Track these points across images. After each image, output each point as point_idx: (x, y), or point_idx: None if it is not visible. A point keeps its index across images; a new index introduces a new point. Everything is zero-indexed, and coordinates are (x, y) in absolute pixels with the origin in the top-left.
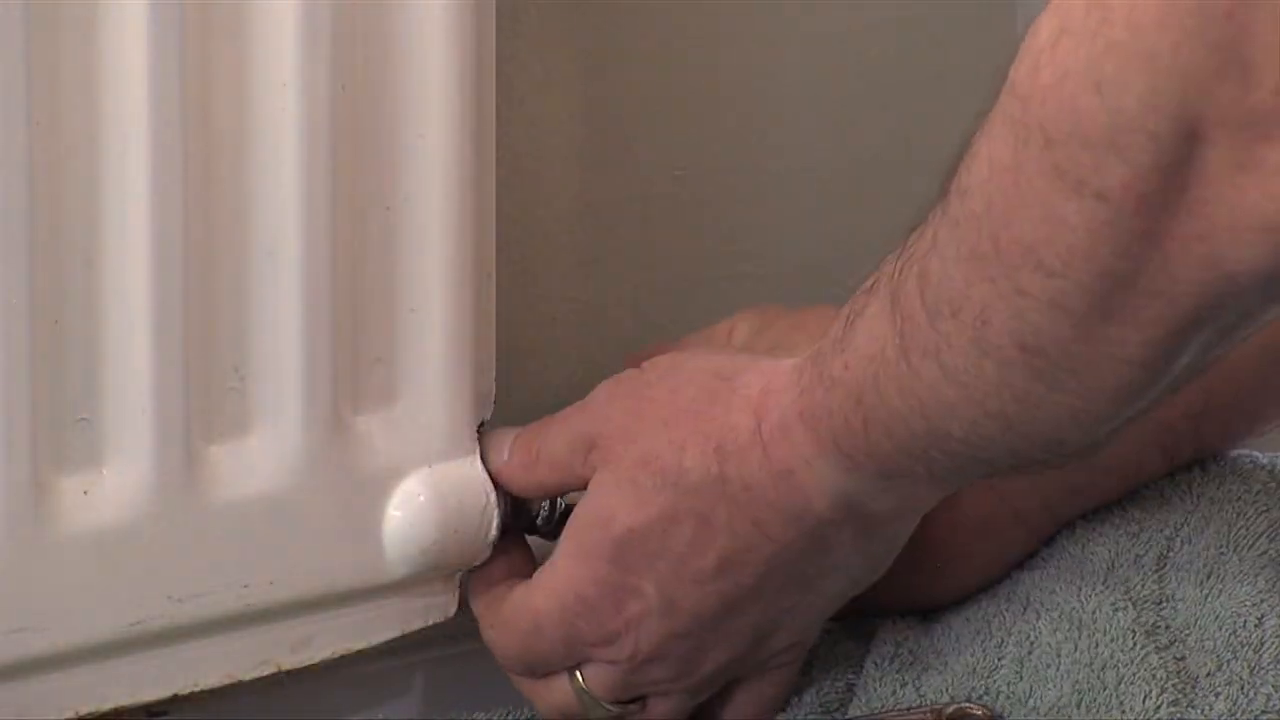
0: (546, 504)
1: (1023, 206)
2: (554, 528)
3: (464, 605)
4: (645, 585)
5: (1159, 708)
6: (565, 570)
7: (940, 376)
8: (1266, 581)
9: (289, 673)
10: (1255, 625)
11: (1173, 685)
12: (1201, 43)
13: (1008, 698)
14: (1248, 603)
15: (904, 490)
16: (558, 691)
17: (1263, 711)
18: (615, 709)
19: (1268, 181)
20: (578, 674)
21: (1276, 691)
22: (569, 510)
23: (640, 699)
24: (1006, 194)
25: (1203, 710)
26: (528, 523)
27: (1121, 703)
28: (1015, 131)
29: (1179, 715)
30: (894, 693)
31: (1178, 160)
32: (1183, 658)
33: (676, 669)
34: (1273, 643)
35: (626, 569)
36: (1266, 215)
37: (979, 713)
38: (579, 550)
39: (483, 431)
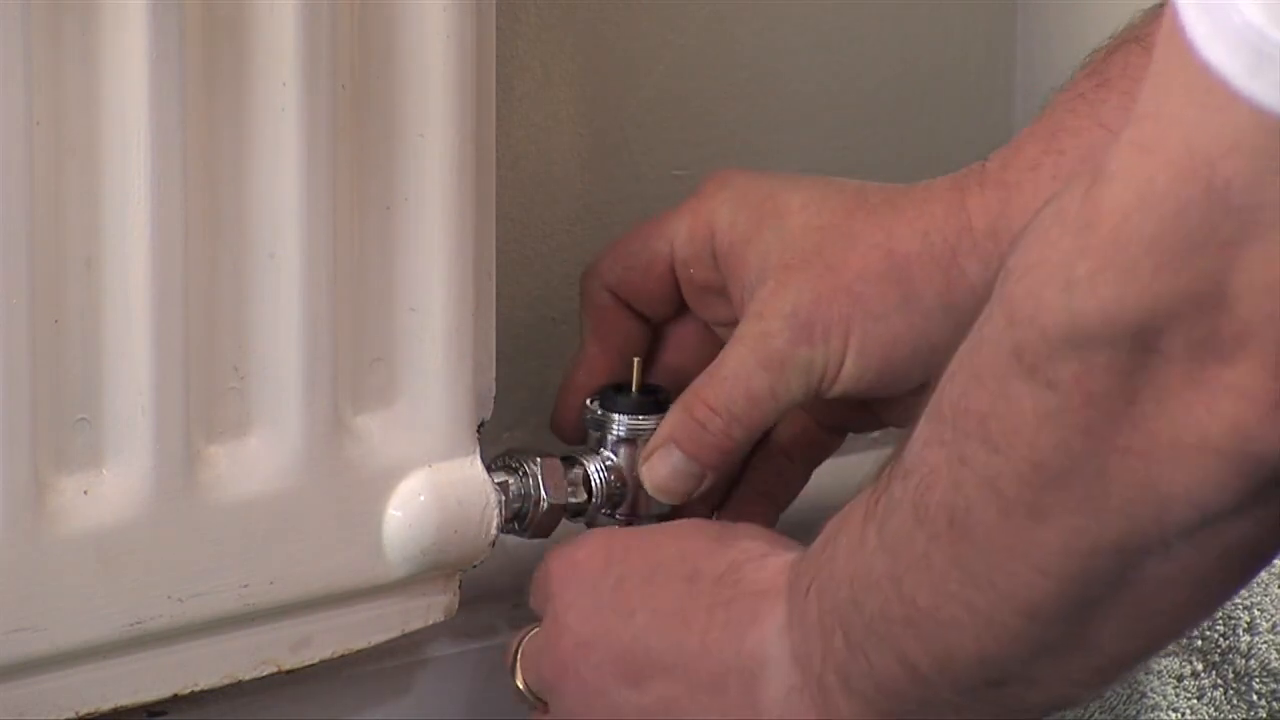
0: (530, 506)
1: (978, 377)
2: (535, 528)
3: (464, 605)
4: None
5: (1153, 707)
6: None
7: (878, 544)
8: (1260, 584)
9: (289, 673)
10: (1246, 629)
11: (1172, 686)
12: (1187, 269)
13: None
14: (1241, 603)
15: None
16: None
17: (1251, 709)
18: None
19: (1217, 399)
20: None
21: (1265, 693)
22: (550, 510)
23: None
24: (971, 361)
25: (1194, 710)
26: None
27: (1124, 700)
28: (992, 300)
29: (1174, 712)
30: None
31: (1130, 369)
32: (1175, 654)
33: None
34: (1264, 645)
35: None
36: (1208, 434)
37: None
38: None
39: (482, 432)
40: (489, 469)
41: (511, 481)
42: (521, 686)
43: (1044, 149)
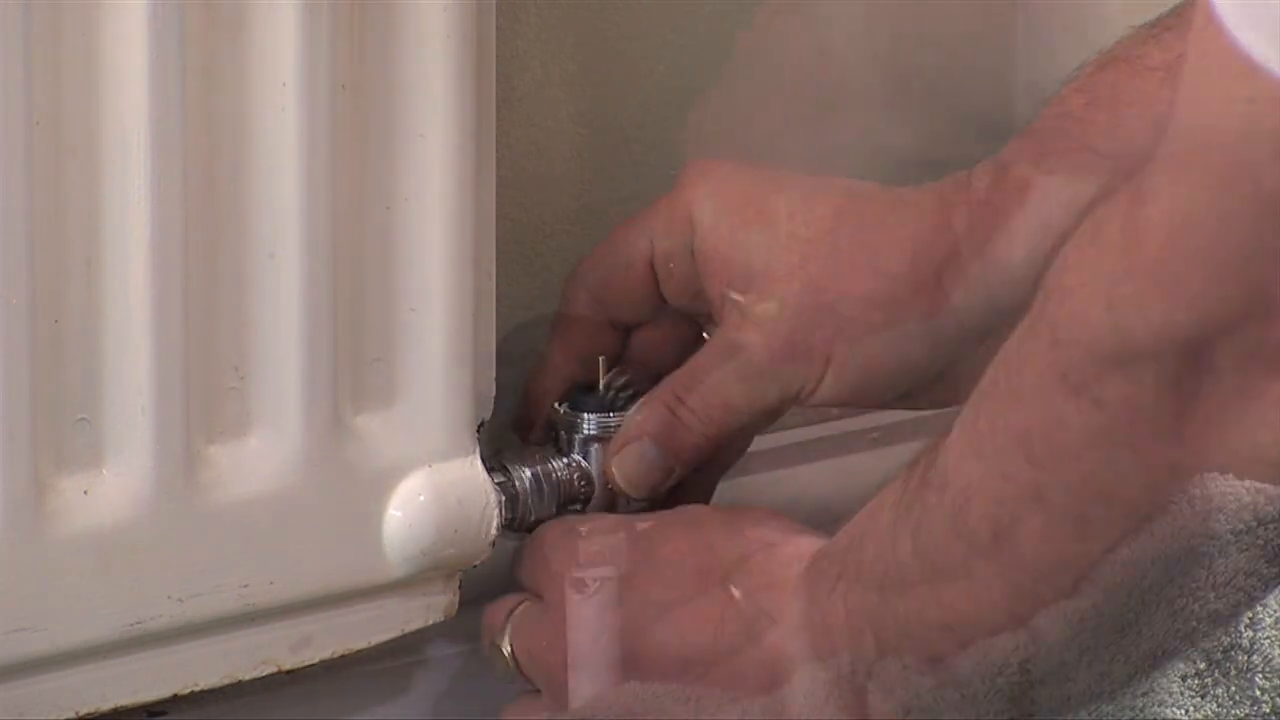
0: (520, 498)
1: (1018, 395)
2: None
3: (464, 605)
4: None
5: (1159, 703)
6: None
7: (911, 551)
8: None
9: (289, 673)
10: (1248, 624)
11: (1177, 684)
12: (1236, 280)
13: None
14: None
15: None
16: None
17: (1254, 704)
18: None
19: (1269, 411)
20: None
21: (1268, 688)
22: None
23: None
24: (1010, 379)
25: (1198, 707)
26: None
27: (1130, 697)
28: (1030, 320)
29: (1179, 709)
30: None
31: (1179, 384)
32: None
33: None
34: (1267, 640)
35: None
36: (1261, 444)
37: None
38: None
39: (482, 432)
40: (487, 469)
41: (503, 479)
42: (508, 653)
43: (1032, 170)
